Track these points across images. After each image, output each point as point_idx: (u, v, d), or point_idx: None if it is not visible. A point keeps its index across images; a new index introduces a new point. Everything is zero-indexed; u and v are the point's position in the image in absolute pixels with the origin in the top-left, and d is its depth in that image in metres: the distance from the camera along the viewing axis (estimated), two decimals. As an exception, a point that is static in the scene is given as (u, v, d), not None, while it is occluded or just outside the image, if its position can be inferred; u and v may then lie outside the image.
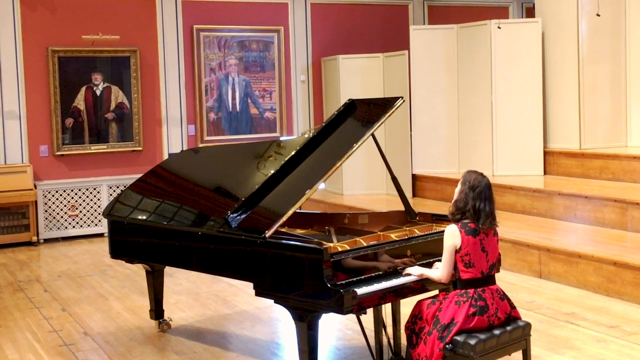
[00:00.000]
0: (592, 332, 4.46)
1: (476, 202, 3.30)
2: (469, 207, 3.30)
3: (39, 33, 7.89)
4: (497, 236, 3.42)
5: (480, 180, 3.36)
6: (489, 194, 3.35)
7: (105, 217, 4.67)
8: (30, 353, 4.42)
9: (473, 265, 3.30)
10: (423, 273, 3.47)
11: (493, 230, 3.38)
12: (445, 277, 3.38)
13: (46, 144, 7.96)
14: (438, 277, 3.41)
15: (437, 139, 8.34)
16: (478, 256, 3.31)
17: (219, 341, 4.57)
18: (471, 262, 3.30)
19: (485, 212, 3.30)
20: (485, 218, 3.30)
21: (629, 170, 6.90)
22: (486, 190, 3.34)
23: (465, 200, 3.31)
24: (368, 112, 4.18)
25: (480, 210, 3.29)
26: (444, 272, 3.36)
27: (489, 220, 3.32)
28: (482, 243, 3.31)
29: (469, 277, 3.30)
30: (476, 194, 3.31)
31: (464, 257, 3.30)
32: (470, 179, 3.37)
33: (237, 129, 8.86)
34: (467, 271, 3.30)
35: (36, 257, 7.33)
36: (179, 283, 5.96)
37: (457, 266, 3.33)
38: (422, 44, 8.30)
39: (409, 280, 3.47)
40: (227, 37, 8.77)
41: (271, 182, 3.87)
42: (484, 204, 3.30)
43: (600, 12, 7.44)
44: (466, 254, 3.29)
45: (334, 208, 7.99)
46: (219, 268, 3.89)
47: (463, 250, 3.29)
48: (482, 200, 3.31)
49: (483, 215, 3.30)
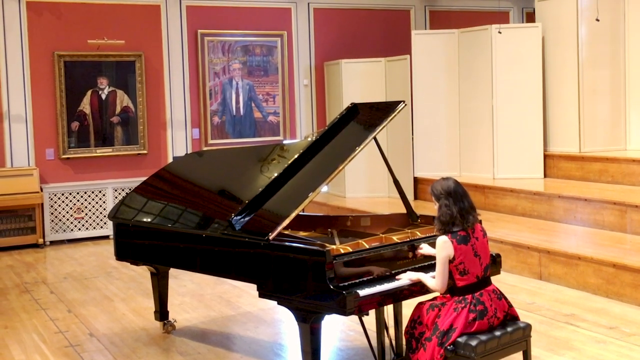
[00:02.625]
0: (592, 333, 4.47)
1: (457, 206, 3.32)
2: (455, 214, 3.31)
3: (45, 38, 7.93)
4: (487, 237, 3.44)
5: (448, 184, 3.39)
6: (462, 190, 3.39)
7: (110, 220, 4.68)
8: (36, 354, 4.45)
9: (468, 272, 3.31)
10: (419, 278, 3.46)
11: (482, 232, 3.40)
12: (440, 288, 3.37)
13: (52, 147, 8.00)
14: (433, 286, 3.40)
15: (439, 143, 8.37)
16: (472, 262, 3.32)
17: (223, 342, 4.59)
18: (466, 270, 3.30)
19: (466, 209, 3.33)
20: (467, 214, 3.33)
21: (628, 173, 6.92)
22: (458, 188, 3.38)
23: (448, 212, 3.31)
24: (370, 115, 4.18)
25: (463, 210, 3.32)
26: (439, 283, 3.36)
27: (471, 215, 3.34)
28: (474, 248, 3.33)
29: (464, 284, 3.31)
30: (454, 199, 3.33)
31: (458, 267, 3.30)
32: (439, 189, 3.39)
33: (240, 133, 8.91)
34: (463, 279, 3.31)
35: (42, 259, 7.36)
36: (183, 285, 5.98)
37: (453, 275, 3.33)
38: (424, 49, 8.33)
39: (407, 283, 3.46)
40: (231, 42, 8.82)
41: (274, 185, 3.88)
42: (463, 203, 3.34)
43: (599, 17, 7.48)
44: (460, 263, 3.30)
45: (336, 210, 8.00)
46: (223, 270, 3.89)
47: (457, 259, 3.29)
48: (460, 200, 3.34)
49: (465, 213, 3.32)
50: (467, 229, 3.33)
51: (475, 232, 3.36)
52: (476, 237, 3.36)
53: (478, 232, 3.39)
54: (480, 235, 3.39)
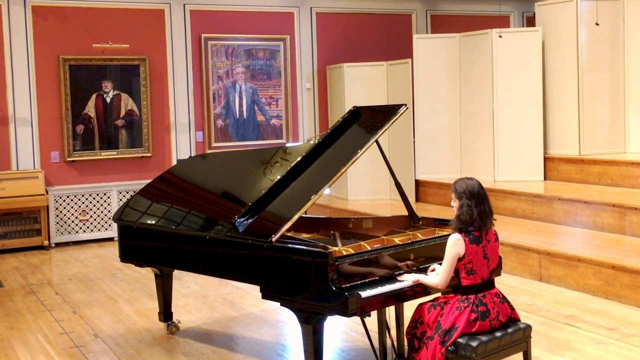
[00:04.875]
0: (591, 334, 4.49)
1: (479, 208, 3.32)
2: (475, 216, 3.31)
3: (51, 42, 7.98)
4: (498, 241, 3.45)
5: (473, 185, 3.39)
6: (484, 193, 3.39)
7: (115, 222, 4.70)
8: (41, 354, 4.47)
9: (475, 273, 3.32)
10: (418, 279, 3.47)
11: (495, 236, 3.42)
12: (442, 285, 3.39)
13: (57, 150, 8.05)
14: (435, 283, 3.41)
15: (440, 145, 8.39)
16: (480, 263, 3.33)
17: (226, 343, 4.61)
18: (473, 270, 3.32)
19: (486, 213, 3.34)
20: (487, 219, 3.35)
21: (627, 175, 6.94)
22: (481, 191, 3.39)
23: (469, 213, 3.31)
24: (372, 119, 4.19)
25: (483, 213, 3.33)
26: (442, 280, 3.37)
27: (490, 218, 3.36)
28: (485, 250, 3.34)
29: (469, 283, 3.33)
30: (476, 200, 3.33)
31: (466, 265, 3.32)
32: (463, 188, 3.38)
33: (244, 136, 8.95)
34: (468, 278, 3.33)
35: (47, 260, 7.39)
36: (187, 286, 6.01)
37: (459, 273, 3.34)
38: (425, 53, 8.36)
39: (408, 285, 3.48)
40: (235, 46, 8.86)
41: (277, 188, 3.90)
42: (484, 206, 3.35)
43: (599, 22, 7.52)
44: (469, 262, 3.31)
45: (338, 213, 8.01)
46: (226, 271, 3.90)
47: (466, 258, 3.31)
48: (481, 202, 3.34)
49: (485, 217, 3.34)
50: (482, 231, 3.35)
51: (488, 235, 3.37)
52: (488, 239, 3.37)
53: (491, 235, 3.40)
54: (492, 238, 3.40)
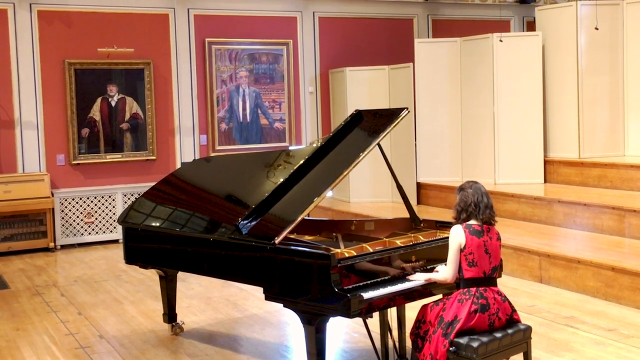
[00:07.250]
0: (591, 335, 4.52)
1: (475, 197, 3.44)
2: (470, 202, 3.43)
3: (56, 46, 8.02)
4: (500, 241, 3.52)
5: (476, 183, 3.54)
6: (485, 191, 3.51)
7: (120, 224, 4.73)
8: (47, 355, 4.49)
9: (476, 265, 3.39)
10: (430, 277, 3.54)
11: (497, 235, 3.48)
12: (451, 277, 3.45)
13: (63, 153, 8.09)
14: (444, 277, 3.49)
15: (441, 148, 8.43)
16: (481, 256, 3.40)
17: (230, 344, 4.64)
18: (474, 261, 3.39)
19: (484, 203, 3.44)
20: (485, 208, 3.44)
21: (626, 178, 6.97)
22: (483, 188, 3.51)
23: (465, 200, 3.45)
24: (374, 122, 4.21)
25: (480, 202, 3.43)
26: (449, 271, 3.44)
27: (488, 211, 3.44)
28: (486, 245, 3.42)
29: (471, 275, 3.39)
30: (474, 191, 3.47)
31: (467, 256, 3.39)
32: (466, 184, 3.54)
33: (247, 139, 8.98)
34: (470, 270, 3.39)
35: (53, 262, 7.42)
36: (191, 288, 6.04)
37: (461, 265, 3.41)
38: (427, 57, 8.39)
39: (414, 284, 3.52)
40: (238, 50, 8.90)
41: (280, 190, 3.91)
42: (481, 197, 3.46)
43: (598, 26, 7.55)
44: (470, 253, 3.38)
45: (341, 215, 8.04)
46: (230, 273, 3.92)
47: (467, 249, 3.38)
48: (480, 194, 3.46)
49: (482, 206, 3.43)
50: (483, 225, 3.43)
51: (490, 232, 3.46)
52: (490, 236, 3.45)
53: (493, 233, 3.48)
54: (494, 237, 3.48)
